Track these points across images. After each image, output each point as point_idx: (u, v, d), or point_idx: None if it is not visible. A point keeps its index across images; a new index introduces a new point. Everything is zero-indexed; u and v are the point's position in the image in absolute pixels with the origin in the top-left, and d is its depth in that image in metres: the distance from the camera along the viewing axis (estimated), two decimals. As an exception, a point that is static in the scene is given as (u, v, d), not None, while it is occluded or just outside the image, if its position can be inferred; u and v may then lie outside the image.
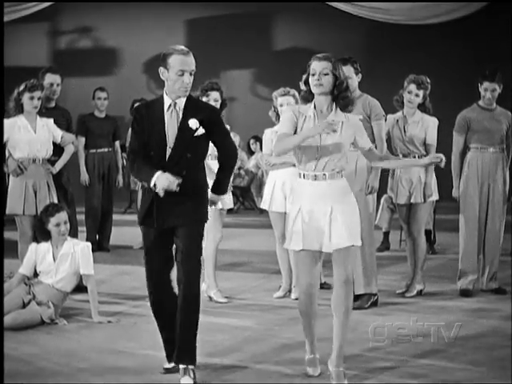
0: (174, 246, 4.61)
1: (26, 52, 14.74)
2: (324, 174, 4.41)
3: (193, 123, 4.45)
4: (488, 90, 6.79)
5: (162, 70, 4.48)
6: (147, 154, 4.49)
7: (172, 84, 4.45)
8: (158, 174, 4.36)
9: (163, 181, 4.33)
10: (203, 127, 4.47)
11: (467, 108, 6.98)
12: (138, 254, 4.02)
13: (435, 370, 4.68)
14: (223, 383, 4.50)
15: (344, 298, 4.43)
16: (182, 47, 4.50)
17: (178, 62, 4.41)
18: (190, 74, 4.46)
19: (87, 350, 5.18)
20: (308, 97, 4.49)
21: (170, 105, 4.49)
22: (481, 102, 6.91)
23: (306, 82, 4.47)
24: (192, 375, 4.44)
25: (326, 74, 4.39)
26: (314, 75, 4.40)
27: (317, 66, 4.41)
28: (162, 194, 4.35)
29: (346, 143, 4.44)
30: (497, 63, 11.27)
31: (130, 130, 9.39)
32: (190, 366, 4.47)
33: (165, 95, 4.52)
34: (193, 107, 4.51)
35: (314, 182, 4.42)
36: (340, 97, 4.41)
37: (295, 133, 4.42)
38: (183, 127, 4.46)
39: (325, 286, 6.80)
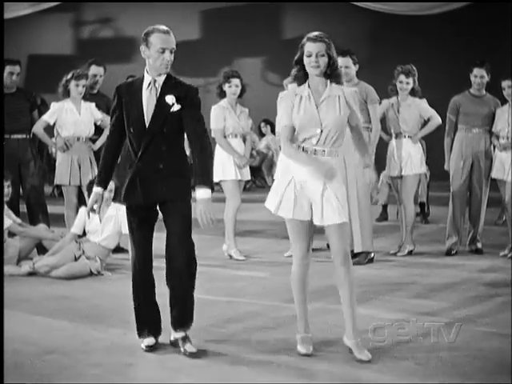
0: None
1: (51, 41, 15.68)
2: (323, 150, 4.46)
3: (169, 99, 4.50)
4: (477, 76, 7.84)
5: (143, 48, 4.53)
6: (128, 130, 4.58)
7: (153, 61, 4.50)
8: (96, 189, 4.70)
9: (93, 194, 4.74)
10: (180, 104, 4.53)
11: (459, 94, 8.04)
12: (159, 222, 4.75)
13: (415, 304, 5.77)
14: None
15: (346, 275, 4.51)
16: (163, 26, 4.56)
17: (159, 40, 4.47)
18: (171, 52, 4.51)
19: (129, 294, 6.19)
20: (303, 77, 4.51)
21: (150, 82, 4.55)
22: (472, 89, 7.96)
23: (298, 62, 4.49)
24: (191, 343, 4.67)
25: (322, 56, 4.39)
26: (310, 56, 4.41)
27: (312, 47, 4.40)
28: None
29: (344, 118, 4.50)
30: (494, 51, 12.27)
31: None
32: (187, 332, 4.69)
33: (146, 74, 4.58)
34: (171, 84, 4.57)
35: (312, 156, 4.47)
36: (333, 75, 4.47)
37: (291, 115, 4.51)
38: (160, 103, 4.51)
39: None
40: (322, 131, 4.45)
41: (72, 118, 7.67)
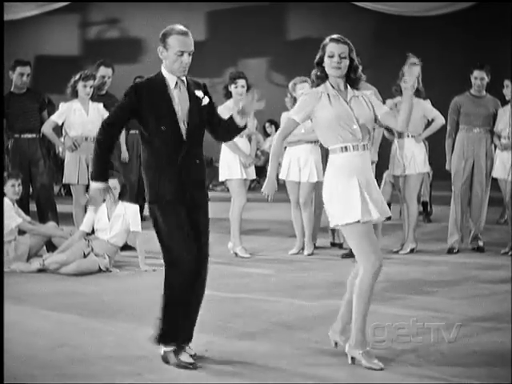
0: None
1: (58, 42, 15.77)
2: (367, 144, 4.47)
3: (200, 94, 4.52)
4: (477, 78, 7.98)
5: (160, 49, 4.43)
6: (156, 129, 4.41)
7: (171, 63, 4.42)
8: (96, 184, 4.44)
9: (94, 190, 4.43)
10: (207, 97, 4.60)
11: (460, 94, 8.18)
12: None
13: (417, 301, 5.93)
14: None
15: (373, 284, 4.45)
16: (182, 27, 4.45)
17: (177, 43, 4.37)
18: (189, 55, 4.42)
19: (137, 290, 6.42)
20: (323, 78, 4.48)
21: (177, 82, 4.47)
22: (472, 90, 8.11)
23: (320, 63, 4.47)
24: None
25: (344, 58, 4.39)
26: (332, 57, 4.39)
27: (335, 48, 4.38)
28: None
29: (373, 115, 4.53)
30: (494, 52, 12.38)
31: None
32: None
33: (165, 72, 4.48)
34: (192, 82, 4.58)
35: (363, 152, 4.43)
36: (352, 78, 4.48)
37: (322, 112, 4.44)
38: (194, 98, 4.50)
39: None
40: (359, 126, 4.42)
41: (80, 118, 7.81)
